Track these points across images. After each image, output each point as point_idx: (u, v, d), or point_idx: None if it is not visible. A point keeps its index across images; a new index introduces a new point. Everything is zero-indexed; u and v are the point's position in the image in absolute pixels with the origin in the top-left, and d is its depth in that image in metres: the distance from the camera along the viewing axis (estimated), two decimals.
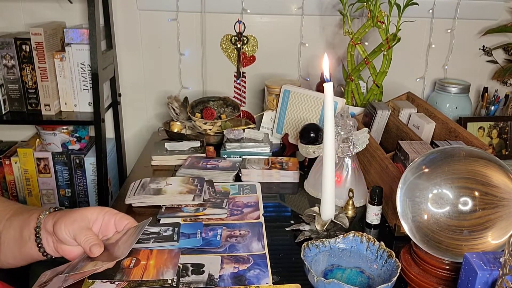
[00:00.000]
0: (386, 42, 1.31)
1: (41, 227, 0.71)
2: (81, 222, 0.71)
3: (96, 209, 0.76)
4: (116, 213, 0.77)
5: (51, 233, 0.71)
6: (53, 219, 0.71)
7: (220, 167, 1.22)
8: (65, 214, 0.72)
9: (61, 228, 0.70)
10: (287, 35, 1.57)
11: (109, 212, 0.77)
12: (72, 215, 0.71)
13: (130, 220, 0.78)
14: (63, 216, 0.71)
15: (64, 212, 0.73)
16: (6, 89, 1.39)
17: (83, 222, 0.72)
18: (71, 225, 0.70)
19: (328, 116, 0.87)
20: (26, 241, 0.72)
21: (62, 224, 0.70)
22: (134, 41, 1.56)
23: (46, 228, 0.71)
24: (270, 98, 1.45)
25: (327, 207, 0.91)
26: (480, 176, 0.77)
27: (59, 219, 0.71)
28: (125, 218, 0.78)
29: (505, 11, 1.58)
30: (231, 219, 0.99)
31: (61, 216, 0.71)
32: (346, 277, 0.79)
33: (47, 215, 0.72)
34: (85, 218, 0.73)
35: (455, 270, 0.74)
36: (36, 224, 0.71)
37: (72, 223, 0.70)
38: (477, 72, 1.67)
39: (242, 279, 0.79)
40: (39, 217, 0.72)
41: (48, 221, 0.71)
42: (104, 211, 0.76)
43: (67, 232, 0.70)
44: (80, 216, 0.72)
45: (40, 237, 0.71)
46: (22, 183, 1.50)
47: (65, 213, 0.72)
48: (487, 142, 1.43)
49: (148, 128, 1.67)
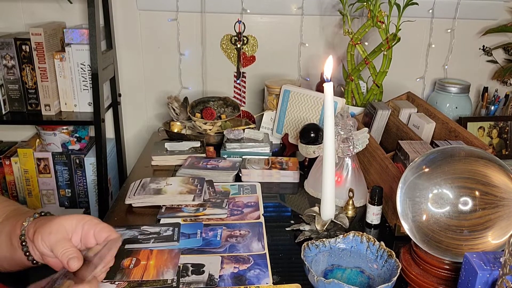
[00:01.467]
0: (386, 42, 1.31)
1: (25, 235, 0.68)
2: (57, 234, 0.67)
3: (75, 218, 0.70)
4: (96, 223, 0.71)
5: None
6: (34, 228, 0.68)
7: (220, 167, 1.22)
8: (43, 224, 0.68)
9: (38, 240, 0.66)
10: (287, 35, 1.57)
11: (88, 222, 0.71)
12: (49, 226, 0.67)
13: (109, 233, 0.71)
14: (40, 226, 0.67)
15: (43, 221, 0.69)
16: (6, 89, 1.39)
17: (59, 233, 0.67)
18: (47, 237, 0.66)
19: (328, 116, 0.87)
20: (16, 248, 0.69)
21: (39, 236, 0.66)
22: (134, 41, 1.56)
23: (29, 236, 0.68)
24: (270, 98, 1.45)
25: (327, 207, 0.91)
26: (480, 176, 0.77)
27: (37, 229, 0.67)
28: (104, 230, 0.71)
29: (505, 11, 1.58)
30: (231, 219, 0.99)
31: (39, 226, 0.68)
32: (346, 277, 0.79)
33: (31, 222, 0.69)
34: (62, 229, 0.68)
35: (455, 270, 0.74)
36: (21, 232, 0.68)
37: (48, 235, 0.66)
38: (477, 72, 1.67)
39: (242, 279, 0.79)
40: (23, 224, 0.69)
41: (30, 230, 0.68)
42: (83, 220, 0.71)
43: (44, 245, 0.67)
44: (56, 227, 0.68)
45: (26, 245, 0.69)
46: (22, 183, 1.50)
47: (43, 223, 0.68)
48: (487, 142, 1.43)
49: (148, 128, 1.67)
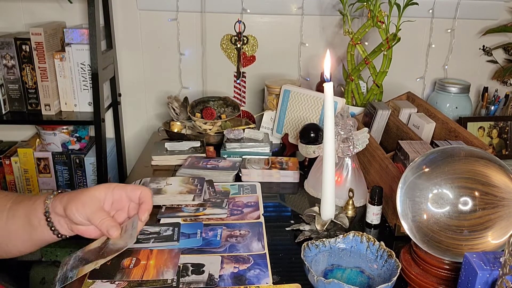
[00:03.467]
0: (386, 42, 1.31)
1: (50, 212, 0.71)
2: (91, 205, 0.71)
3: (103, 187, 0.75)
4: (124, 186, 0.76)
5: (63, 216, 0.72)
6: (62, 203, 0.71)
7: (220, 167, 1.22)
8: (74, 197, 0.71)
9: (73, 212, 0.70)
10: (287, 35, 1.57)
11: (117, 187, 0.75)
12: (81, 198, 0.71)
13: (140, 189, 0.76)
14: (72, 200, 0.71)
15: (71, 195, 0.72)
16: (6, 89, 1.39)
17: (93, 204, 0.72)
18: (83, 209, 0.70)
19: (328, 116, 0.87)
20: (36, 227, 0.72)
21: (73, 209, 0.70)
22: (134, 41, 1.56)
23: (56, 211, 0.71)
24: (270, 98, 1.45)
25: (327, 207, 0.91)
26: (480, 176, 0.77)
27: (69, 203, 0.70)
28: (135, 188, 0.76)
29: (505, 11, 1.58)
30: (231, 219, 0.99)
31: (70, 200, 0.71)
32: (346, 277, 0.79)
33: (53, 199, 0.72)
34: (94, 199, 0.72)
35: (455, 270, 0.74)
36: (44, 209, 0.71)
37: (83, 206, 0.70)
38: (477, 72, 1.67)
39: (242, 279, 0.79)
40: (45, 202, 0.72)
41: (57, 205, 0.71)
42: (111, 187, 0.75)
43: (80, 216, 0.70)
44: (89, 198, 0.71)
45: (51, 221, 0.72)
46: (22, 183, 1.50)
47: (74, 196, 0.72)
48: (487, 142, 1.43)
49: (148, 128, 1.67)
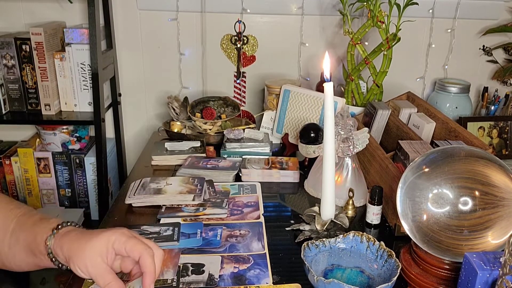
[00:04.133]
0: (386, 42, 1.31)
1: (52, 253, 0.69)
2: (95, 265, 0.66)
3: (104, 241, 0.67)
4: (124, 242, 0.67)
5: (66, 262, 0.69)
6: (63, 253, 0.68)
7: (220, 167, 1.22)
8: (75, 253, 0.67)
9: (77, 271, 0.67)
10: (287, 35, 1.57)
11: (117, 242, 0.68)
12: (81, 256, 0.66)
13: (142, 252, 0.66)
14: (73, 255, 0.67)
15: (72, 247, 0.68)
16: (6, 89, 1.39)
17: (97, 266, 0.67)
18: (86, 270, 0.67)
19: (328, 116, 0.87)
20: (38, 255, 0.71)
21: (77, 268, 0.67)
22: (134, 41, 1.56)
23: (59, 256, 0.69)
24: (270, 98, 1.45)
25: (327, 207, 0.91)
26: (480, 176, 0.77)
27: (71, 259, 0.67)
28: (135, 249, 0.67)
29: (505, 11, 1.58)
30: (231, 219, 0.99)
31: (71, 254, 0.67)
32: (346, 277, 0.79)
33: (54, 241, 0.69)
34: (96, 255, 0.67)
35: (455, 270, 0.74)
36: (47, 251, 0.69)
37: (85, 267, 0.66)
38: (477, 72, 1.67)
39: (242, 279, 0.79)
40: (46, 244, 0.69)
41: (58, 253, 0.69)
42: (111, 242, 0.68)
43: (85, 276, 0.67)
44: (91, 260, 0.66)
45: (56, 259, 0.70)
46: (22, 183, 1.50)
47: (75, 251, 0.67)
48: (487, 142, 1.43)
49: (148, 128, 1.67)
